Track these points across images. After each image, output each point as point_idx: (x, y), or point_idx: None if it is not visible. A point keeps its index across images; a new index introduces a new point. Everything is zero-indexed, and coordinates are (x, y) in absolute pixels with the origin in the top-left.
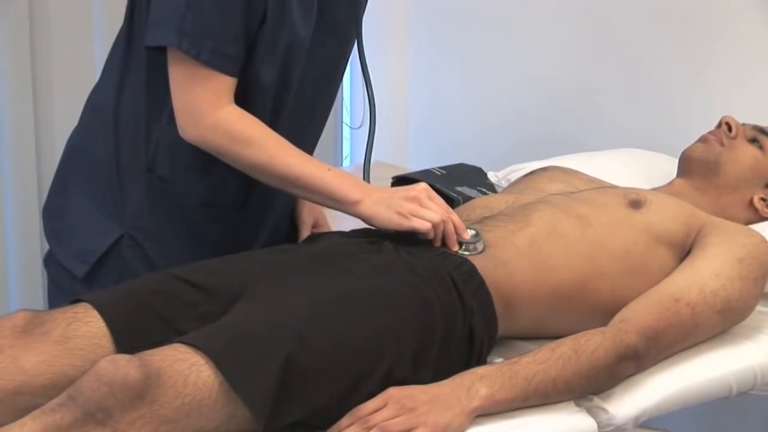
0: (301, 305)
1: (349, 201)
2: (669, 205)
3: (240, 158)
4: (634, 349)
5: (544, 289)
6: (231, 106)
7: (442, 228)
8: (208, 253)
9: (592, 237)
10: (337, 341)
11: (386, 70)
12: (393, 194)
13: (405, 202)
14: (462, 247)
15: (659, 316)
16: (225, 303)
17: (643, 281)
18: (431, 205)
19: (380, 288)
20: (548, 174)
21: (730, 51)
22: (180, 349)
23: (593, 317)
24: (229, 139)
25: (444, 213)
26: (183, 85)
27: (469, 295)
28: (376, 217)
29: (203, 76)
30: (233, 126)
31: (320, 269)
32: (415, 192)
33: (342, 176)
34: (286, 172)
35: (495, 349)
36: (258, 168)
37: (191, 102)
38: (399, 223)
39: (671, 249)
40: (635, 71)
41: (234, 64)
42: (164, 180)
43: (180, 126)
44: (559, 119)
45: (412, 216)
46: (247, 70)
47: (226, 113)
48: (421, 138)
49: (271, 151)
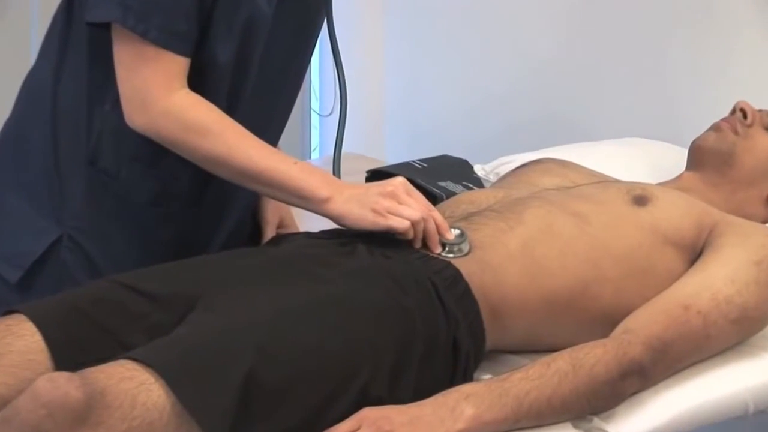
0: (264, 315)
1: (317, 198)
2: (678, 202)
3: (194, 149)
4: (638, 363)
5: (538, 295)
6: (184, 90)
7: (423, 227)
8: (159, 257)
9: (591, 237)
10: (304, 356)
11: (359, 51)
12: (367, 190)
13: (381, 199)
14: (445, 248)
15: (667, 326)
16: (178, 313)
17: (649, 287)
18: (410, 201)
19: (353, 296)
20: (542, 167)
21: (747, 31)
22: (127, 365)
23: (593, 327)
24: (183, 127)
25: (424, 210)
26: (129, 66)
27: (453, 304)
28: (349, 216)
29: (151, 56)
30: (187, 113)
31: (286, 275)
32: (392, 187)
33: (309, 171)
34: (247, 165)
35: (483, 364)
36: (215, 161)
37: (139, 86)
38: (374, 221)
39: (680, 251)
40: (641, 50)
41: (186, 43)
42: (108, 174)
43: (126, 113)
44: (554, 105)
45: (388, 214)
46: (201, 49)
47: (179, 98)
48: (399, 127)
49: (229, 141)
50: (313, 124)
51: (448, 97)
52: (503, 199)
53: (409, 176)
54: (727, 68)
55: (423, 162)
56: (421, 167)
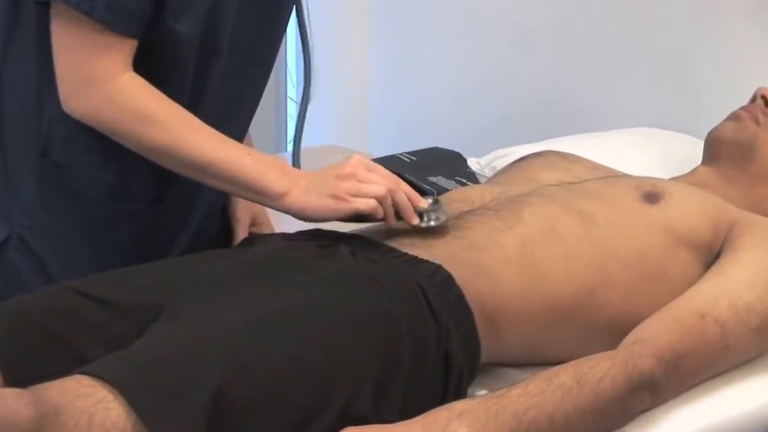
0: (235, 325)
1: (273, 193)
2: (693, 198)
3: (139, 139)
4: (649, 378)
5: (539, 302)
6: (129, 73)
7: (391, 201)
8: (117, 260)
9: (597, 238)
10: (279, 370)
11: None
12: (322, 175)
13: (339, 182)
14: (422, 218)
15: (681, 337)
16: (139, 323)
17: (661, 292)
18: (372, 176)
19: (333, 303)
20: (543, 160)
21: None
22: (83, 381)
23: (600, 338)
24: (127, 115)
25: (390, 182)
26: (69, 46)
27: (444, 312)
28: (309, 208)
29: (95, 36)
30: (132, 99)
31: (259, 280)
32: (349, 167)
33: (264, 162)
34: (195, 156)
35: (477, 378)
36: (161, 151)
37: (79, 68)
38: (336, 209)
39: (695, 252)
40: (652, 29)
41: (134, 23)
42: (60, 167)
43: (64, 97)
44: (556, 91)
45: (350, 197)
46: (158, 25)
47: (124, 83)
48: (384, 116)
49: (177, 130)
50: (289, 112)
51: (438, 83)
52: (500, 196)
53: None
54: (748, 51)
55: (411, 155)
56: (409, 161)
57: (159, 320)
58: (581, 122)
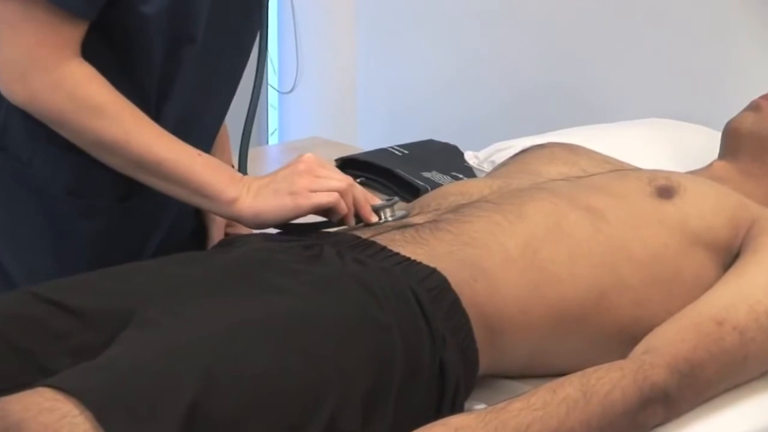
0: (212, 334)
1: (223, 199)
2: (710, 194)
3: (85, 131)
4: (662, 390)
5: (543, 307)
6: (77, 60)
7: (352, 197)
8: (82, 262)
9: (607, 236)
10: (259, 382)
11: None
12: (274, 177)
13: (296, 179)
14: (381, 215)
15: (696, 345)
16: (108, 332)
17: (676, 296)
18: (328, 173)
19: (318, 310)
20: (547, 152)
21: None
22: (47, 394)
23: (608, 346)
24: (74, 104)
25: (348, 178)
26: (15, 25)
27: (439, 319)
28: (265, 210)
29: (44, 15)
30: (81, 87)
31: (237, 285)
32: (304, 164)
33: (215, 166)
34: (145, 154)
35: (475, 391)
36: (108, 146)
37: (23, 50)
38: (297, 205)
39: (712, 253)
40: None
41: (88, 3)
42: (19, 161)
43: (4, 81)
44: (561, 78)
45: (309, 192)
46: (125, 9)
47: (71, 70)
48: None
49: (127, 125)
50: (270, 102)
51: (432, 69)
52: (500, 190)
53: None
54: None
55: (403, 148)
56: (401, 154)
57: (129, 328)
58: (588, 112)
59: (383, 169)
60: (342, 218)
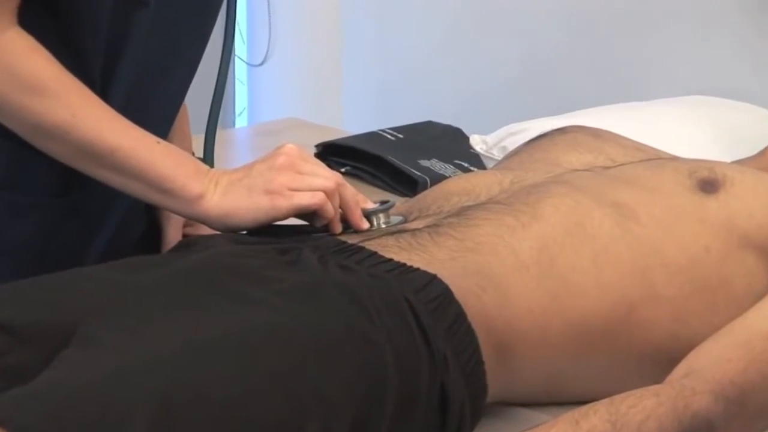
0: (168, 353)
1: (186, 196)
2: (761, 187)
3: (25, 112)
4: (706, 420)
5: (563, 323)
6: (14, 29)
7: (339, 198)
8: (16, 267)
9: (639, 239)
10: (225, 409)
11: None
12: (249, 171)
13: (275, 175)
14: (373, 221)
15: (747, 366)
16: (45, 350)
17: (721, 309)
18: (313, 168)
19: (296, 324)
20: (568, 138)
21: None
22: None
23: (640, 368)
24: (10, 81)
25: (336, 175)
26: None
27: (440, 335)
28: (236, 210)
29: None
30: (20, 62)
31: (199, 295)
32: (284, 157)
33: (177, 156)
34: (94, 140)
35: (483, 421)
36: (51, 130)
37: None
38: (274, 206)
39: (764, 257)
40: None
41: None
42: None
43: None
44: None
45: (290, 191)
46: None
47: (8, 42)
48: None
49: (73, 106)
50: (238, 77)
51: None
52: (512, 186)
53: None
54: None
55: (397, 132)
56: (395, 139)
57: (71, 346)
58: (616, 89)
59: (373, 156)
60: (327, 223)
